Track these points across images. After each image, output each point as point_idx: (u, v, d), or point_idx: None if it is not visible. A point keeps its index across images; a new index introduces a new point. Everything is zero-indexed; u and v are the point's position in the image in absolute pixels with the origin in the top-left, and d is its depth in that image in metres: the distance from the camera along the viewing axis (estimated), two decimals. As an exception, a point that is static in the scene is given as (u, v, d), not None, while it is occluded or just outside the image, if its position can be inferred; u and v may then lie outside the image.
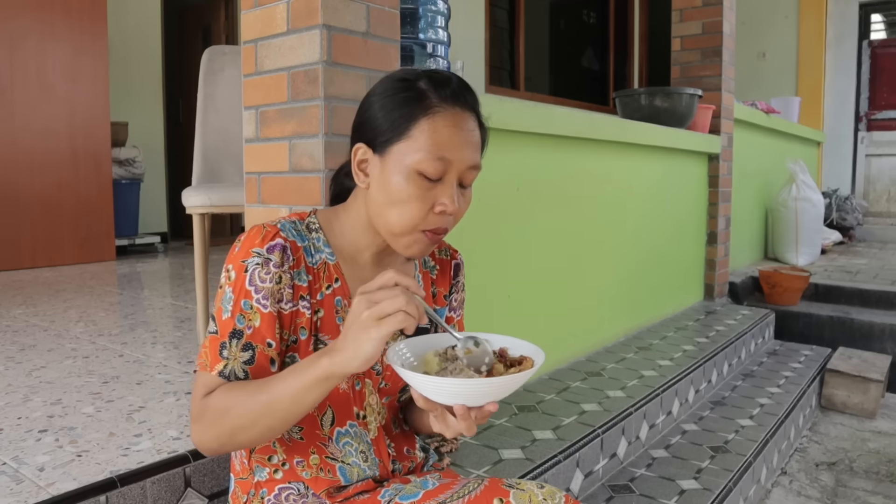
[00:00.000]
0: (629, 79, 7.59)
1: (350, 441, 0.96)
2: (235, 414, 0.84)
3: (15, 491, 1.07)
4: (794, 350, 3.30)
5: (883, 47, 6.68)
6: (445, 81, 0.91)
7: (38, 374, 1.72)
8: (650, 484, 1.79)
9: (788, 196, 4.58)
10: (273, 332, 0.89)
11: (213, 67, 2.26)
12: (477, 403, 0.79)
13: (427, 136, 0.88)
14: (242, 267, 0.89)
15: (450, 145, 0.88)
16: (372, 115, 0.93)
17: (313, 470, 0.94)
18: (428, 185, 0.88)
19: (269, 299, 0.88)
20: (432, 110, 0.88)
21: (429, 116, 0.88)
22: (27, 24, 3.73)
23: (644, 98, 3.18)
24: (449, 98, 0.89)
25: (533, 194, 2.18)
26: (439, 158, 0.87)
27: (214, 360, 0.88)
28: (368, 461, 0.97)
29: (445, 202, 0.89)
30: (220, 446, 0.86)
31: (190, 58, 5.71)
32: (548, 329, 2.28)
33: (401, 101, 0.90)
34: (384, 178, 0.90)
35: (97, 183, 4.08)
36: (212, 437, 0.86)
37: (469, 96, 0.92)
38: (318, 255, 0.95)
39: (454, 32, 1.92)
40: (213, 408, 0.85)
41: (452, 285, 1.11)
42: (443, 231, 0.92)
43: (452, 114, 0.89)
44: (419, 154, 0.87)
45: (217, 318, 0.89)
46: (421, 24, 1.75)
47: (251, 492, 0.97)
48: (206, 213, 2.03)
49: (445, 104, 0.89)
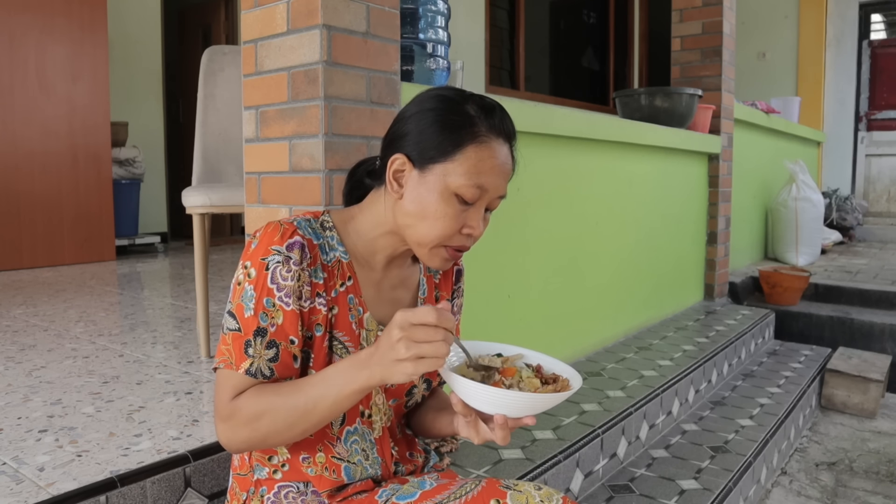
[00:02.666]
0: (629, 79, 7.59)
1: (357, 439, 0.97)
2: (270, 420, 0.86)
3: (15, 491, 1.07)
4: (794, 350, 3.30)
5: (883, 47, 6.68)
6: (492, 109, 0.95)
7: (38, 374, 1.72)
8: (650, 484, 1.79)
9: (788, 196, 4.58)
10: (296, 329, 0.90)
11: (213, 67, 2.26)
12: (517, 415, 0.84)
13: (472, 162, 0.91)
14: (263, 265, 0.89)
15: (489, 174, 0.92)
16: (417, 130, 0.94)
17: (318, 468, 0.95)
18: (462, 208, 0.92)
19: (291, 297, 0.89)
20: (480, 138, 0.92)
21: (476, 144, 0.91)
22: (27, 24, 3.74)
23: (644, 98, 3.18)
24: (496, 128, 0.93)
25: (533, 194, 2.18)
26: (478, 186, 0.91)
27: (240, 358, 0.88)
28: (370, 459, 0.98)
29: (473, 226, 0.93)
30: (249, 447, 0.89)
31: (190, 58, 5.71)
32: (548, 329, 2.28)
33: (450, 124, 0.92)
34: (421, 194, 0.93)
35: (97, 183, 4.08)
36: (243, 439, 0.88)
37: (510, 127, 0.96)
38: (333, 252, 0.97)
39: (454, 32, 1.92)
40: (245, 411, 0.87)
41: (454, 290, 1.13)
42: (465, 249, 0.96)
43: (497, 145, 0.93)
44: (461, 179, 0.91)
45: (237, 315, 0.89)
46: (421, 24, 1.75)
47: (251, 489, 0.97)
48: (206, 213, 2.03)
49: (492, 134, 0.93)
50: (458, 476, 0.98)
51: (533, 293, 2.20)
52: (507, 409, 0.82)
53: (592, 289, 2.57)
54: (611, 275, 2.70)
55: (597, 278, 2.60)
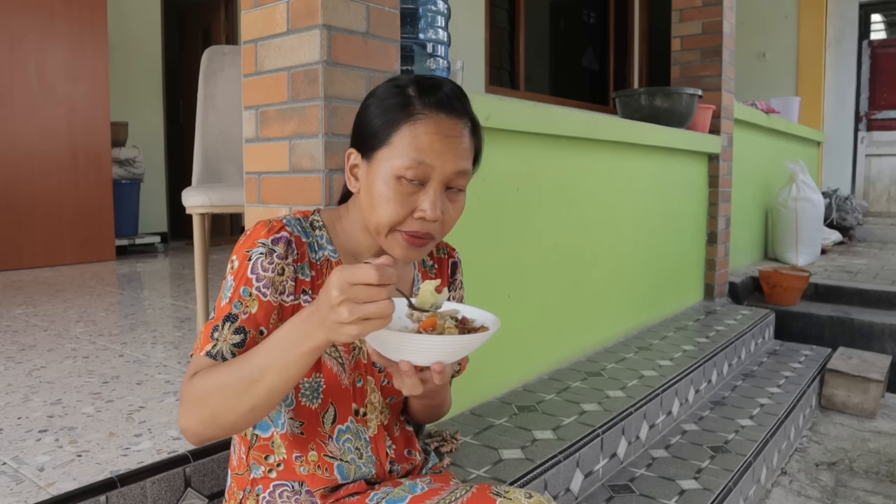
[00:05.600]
0: (629, 79, 7.59)
1: (350, 437, 0.97)
2: (219, 395, 0.81)
3: (15, 491, 1.07)
4: (794, 350, 3.30)
5: (883, 47, 6.68)
6: (433, 88, 0.92)
7: (38, 374, 1.72)
8: (650, 484, 1.79)
9: (788, 196, 4.58)
10: (268, 320, 0.90)
11: (213, 67, 2.26)
12: (421, 362, 0.79)
13: (408, 140, 0.89)
14: (246, 256, 0.90)
15: (430, 151, 0.88)
16: (361, 122, 0.95)
17: (311, 467, 0.95)
18: (409, 190, 0.89)
19: (269, 288, 0.89)
20: (414, 117, 0.90)
21: (410, 123, 0.89)
22: (27, 24, 3.73)
23: (644, 98, 3.18)
24: (433, 104, 0.90)
25: (533, 194, 2.18)
26: (418, 162, 0.88)
27: (206, 341, 0.88)
28: (364, 458, 0.98)
29: (425, 208, 0.89)
30: (204, 430, 0.83)
31: (190, 58, 5.71)
32: (548, 329, 2.28)
33: (387, 108, 0.91)
34: (370, 182, 0.91)
35: (97, 183, 4.08)
36: (196, 419, 0.83)
37: (457, 103, 0.92)
38: (322, 251, 0.97)
39: (454, 32, 1.92)
40: (196, 389, 0.83)
41: (450, 283, 1.12)
42: (426, 236, 0.92)
43: (435, 120, 0.90)
44: (399, 160, 0.89)
45: (217, 305, 0.91)
46: (421, 24, 1.75)
47: (247, 488, 0.97)
48: (206, 213, 2.03)
49: (428, 110, 0.90)
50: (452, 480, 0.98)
51: (533, 293, 2.20)
52: (410, 354, 0.78)
53: (592, 288, 2.57)
54: (611, 274, 2.70)
55: (597, 278, 2.60)
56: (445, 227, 0.93)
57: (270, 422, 0.96)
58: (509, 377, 2.09)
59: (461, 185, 0.92)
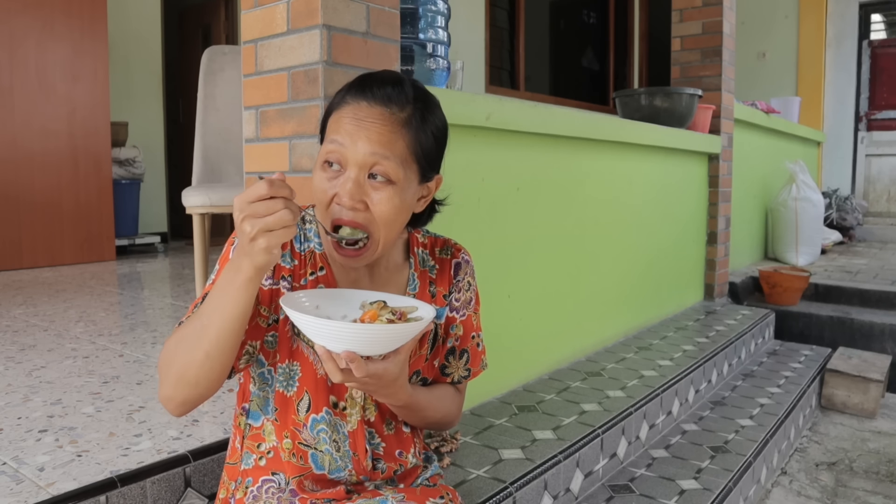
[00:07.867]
0: (629, 79, 7.59)
1: (325, 428, 0.97)
2: (180, 350, 0.87)
3: (15, 491, 1.07)
4: (794, 350, 3.30)
5: (883, 47, 6.68)
6: (367, 78, 0.96)
7: (38, 374, 1.72)
8: (650, 484, 1.79)
9: (788, 196, 4.58)
10: None
11: (213, 67, 2.26)
12: (333, 348, 0.83)
13: (332, 128, 0.94)
14: (230, 242, 0.96)
15: (344, 133, 0.91)
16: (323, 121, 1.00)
17: (286, 454, 0.97)
18: (331, 175, 0.92)
19: None
20: (339, 106, 0.94)
21: (337, 111, 0.94)
22: (27, 24, 3.73)
23: (644, 98, 3.18)
24: (356, 92, 0.94)
25: (533, 194, 2.18)
26: (334, 144, 0.91)
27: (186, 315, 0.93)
28: (341, 451, 0.98)
29: (338, 191, 0.91)
30: (175, 391, 0.88)
31: (190, 58, 5.71)
32: (548, 329, 2.28)
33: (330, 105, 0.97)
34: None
35: (97, 183, 4.08)
36: (168, 384, 0.88)
37: (379, 90, 0.93)
38: (308, 243, 1.00)
39: (454, 32, 1.92)
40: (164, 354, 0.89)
41: (453, 285, 1.10)
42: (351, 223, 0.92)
43: (354, 106, 0.93)
44: (324, 146, 0.93)
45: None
46: (421, 24, 1.75)
47: (238, 479, 0.99)
48: (206, 213, 2.03)
49: (351, 97, 0.94)
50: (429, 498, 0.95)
51: (533, 293, 2.20)
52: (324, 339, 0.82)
53: (592, 288, 2.57)
54: (611, 274, 2.70)
55: (597, 278, 2.60)
56: (378, 222, 0.93)
57: (260, 411, 0.99)
58: (509, 377, 2.09)
59: (383, 172, 0.91)
